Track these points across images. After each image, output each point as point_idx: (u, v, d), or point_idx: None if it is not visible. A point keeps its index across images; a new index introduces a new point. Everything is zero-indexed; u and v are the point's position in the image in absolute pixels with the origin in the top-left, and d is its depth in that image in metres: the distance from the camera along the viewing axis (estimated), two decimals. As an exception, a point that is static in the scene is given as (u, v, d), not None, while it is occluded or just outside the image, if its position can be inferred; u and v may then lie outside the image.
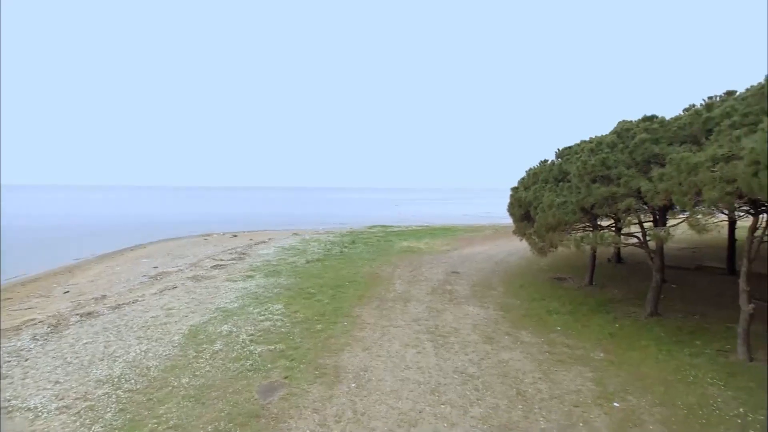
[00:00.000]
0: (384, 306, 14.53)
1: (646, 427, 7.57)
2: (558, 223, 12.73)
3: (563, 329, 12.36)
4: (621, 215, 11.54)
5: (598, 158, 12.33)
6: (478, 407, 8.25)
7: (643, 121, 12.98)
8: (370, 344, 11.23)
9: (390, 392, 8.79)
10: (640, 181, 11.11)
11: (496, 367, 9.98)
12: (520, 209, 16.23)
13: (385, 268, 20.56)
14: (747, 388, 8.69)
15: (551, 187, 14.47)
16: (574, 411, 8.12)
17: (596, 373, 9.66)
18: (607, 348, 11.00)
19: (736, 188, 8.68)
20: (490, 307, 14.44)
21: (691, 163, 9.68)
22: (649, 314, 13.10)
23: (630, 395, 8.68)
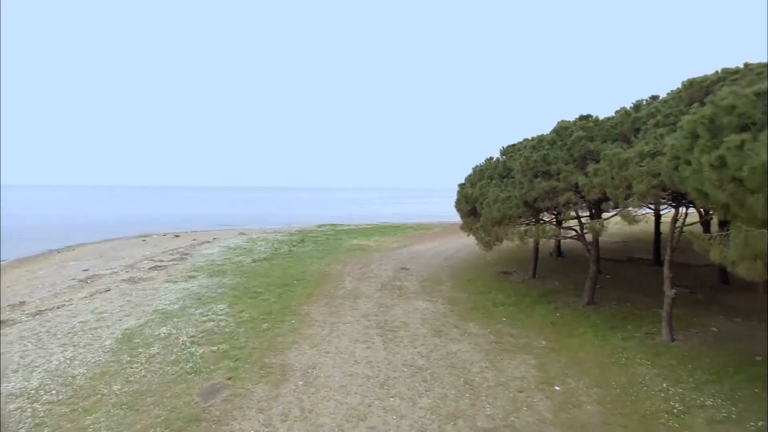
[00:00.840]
0: (333, 303, 14.31)
1: (584, 408, 7.94)
2: (503, 217, 13.13)
3: (508, 320, 12.76)
4: (561, 209, 12.09)
5: (540, 155, 12.86)
6: (427, 398, 8.28)
7: (579, 120, 13.70)
8: (319, 341, 10.99)
9: (339, 388, 8.62)
10: (578, 176, 11.71)
11: (444, 358, 10.09)
12: (467, 205, 16.61)
13: (335, 265, 20.31)
14: (670, 365, 9.39)
15: (496, 183, 14.92)
16: (519, 396, 8.37)
17: (539, 359, 10.03)
18: (549, 336, 11.48)
19: (660, 181, 9.33)
20: (439, 302, 14.64)
21: (622, 158, 10.31)
22: (586, 303, 13.83)
23: (569, 379, 9.08)
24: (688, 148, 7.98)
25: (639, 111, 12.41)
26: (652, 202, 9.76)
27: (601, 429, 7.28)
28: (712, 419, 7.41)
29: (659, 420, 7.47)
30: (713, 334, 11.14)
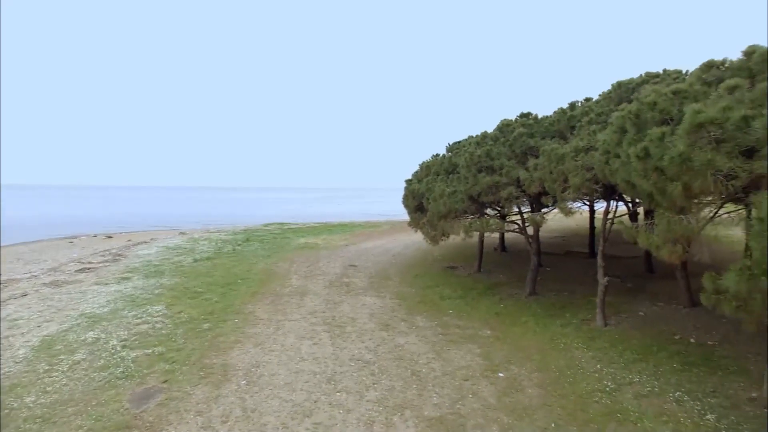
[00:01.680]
0: (279, 301, 13.90)
1: (526, 392, 8.22)
2: (448, 212, 13.36)
3: (455, 312, 13.00)
4: (504, 203, 12.49)
5: (483, 150, 13.22)
6: (375, 391, 8.22)
7: (521, 118, 14.24)
8: (263, 339, 10.61)
9: (284, 385, 8.35)
10: (519, 171, 12.15)
11: (392, 351, 10.09)
12: (414, 201, 16.76)
13: (282, 264, 19.79)
14: (603, 348, 9.96)
15: (442, 178, 15.17)
16: (464, 384, 8.52)
17: (484, 348, 10.28)
18: (494, 326, 11.81)
19: (593, 174, 9.89)
20: (387, 297, 14.66)
21: (559, 154, 10.83)
22: (528, 294, 14.39)
23: (513, 365, 9.37)
24: (617, 143, 8.50)
25: (574, 110, 13.11)
26: (587, 194, 10.28)
27: (541, 410, 7.56)
28: (639, 394, 7.92)
29: (594, 398, 7.88)
30: (640, 318, 11.95)
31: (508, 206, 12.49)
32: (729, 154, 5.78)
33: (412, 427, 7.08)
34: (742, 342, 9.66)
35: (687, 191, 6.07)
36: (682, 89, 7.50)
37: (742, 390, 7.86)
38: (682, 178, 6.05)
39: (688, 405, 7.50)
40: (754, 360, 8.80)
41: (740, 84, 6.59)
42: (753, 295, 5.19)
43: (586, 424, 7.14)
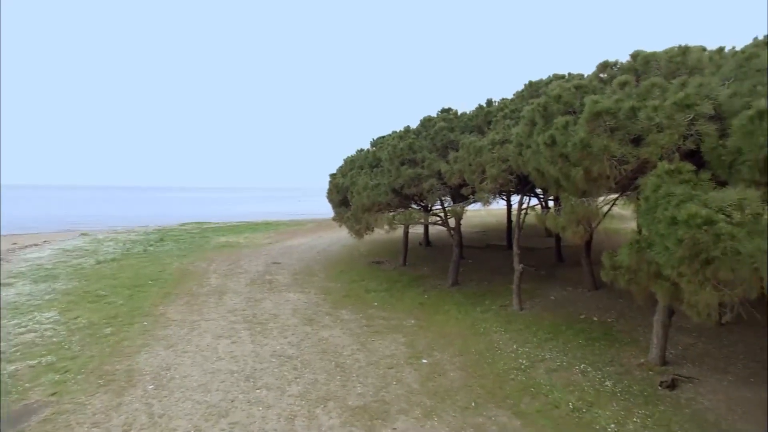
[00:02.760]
0: (195, 301, 12.99)
1: (448, 375, 8.43)
2: (372, 204, 13.37)
3: (380, 304, 13.04)
4: (426, 194, 12.75)
5: (406, 143, 13.42)
6: (297, 385, 7.94)
7: (442, 113, 14.67)
8: (176, 341, 9.82)
9: (197, 387, 7.76)
10: (440, 164, 12.49)
11: (315, 345, 9.84)
12: (338, 195, 16.59)
13: (199, 263, 18.57)
14: (518, 330, 10.54)
15: (366, 172, 15.16)
16: (389, 372, 8.53)
17: (408, 337, 10.40)
18: (418, 315, 12.02)
19: (508, 165, 10.43)
20: (312, 292, 14.33)
21: (477, 146, 11.27)
22: (451, 284, 14.86)
23: (436, 351, 9.58)
24: (529, 135, 9.02)
25: (491, 106, 13.79)
26: (503, 185, 10.81)
27: (462, 391, 7.78)
28: (550, 369, 8.48)
29: (510, 376, 8.29)
30: (551, 301, 12.83)
31: (430, 198, 12.77)
32: (621, 141, 6.36)
33: (336, 417, 6.92)
34: (634, 317, 10.73)
35: (587, 175, 6.59)
36: (583, 84, 8.15)
37: (633, 357, 8.72)
38: (583, 163, 6.56)
39: (591, 375, 8.17)
40: (642, 332, 9.79)
41: (629, 81, 7.29)
42: (641, 267, 5.74)
43: (504, 400, 7.48)
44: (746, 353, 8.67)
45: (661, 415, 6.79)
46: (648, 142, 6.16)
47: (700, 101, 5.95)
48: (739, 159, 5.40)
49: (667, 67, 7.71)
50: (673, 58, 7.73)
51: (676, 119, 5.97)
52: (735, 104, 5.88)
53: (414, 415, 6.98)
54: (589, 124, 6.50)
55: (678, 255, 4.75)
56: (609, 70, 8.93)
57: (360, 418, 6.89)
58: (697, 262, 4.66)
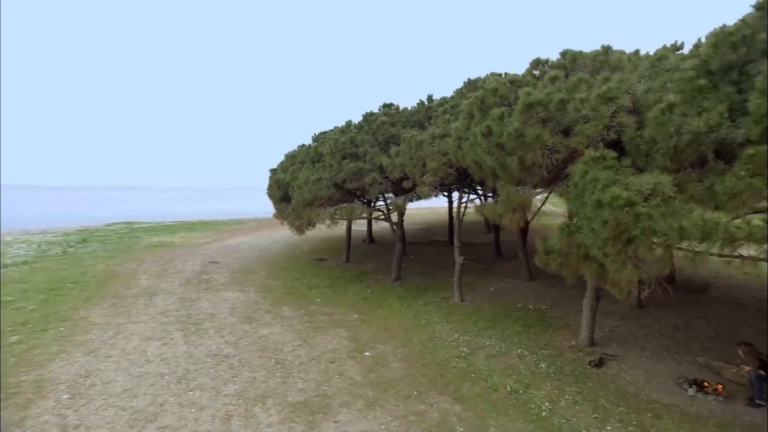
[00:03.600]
0: (122, 303, 12.03)
1: (391, 366, 8.41)
2: (314, 199, 13.12)
3: (323, 301, 12.81)
4: (368, 188, 12.69)
5: (348, 137, 13.30)
6: (234, 384, 7.56)
7: (383, 108, 14.69)
8: (98, 346, 9.02)
9: (122, 393, 7.15)
10: (382, 158, 12.50)
11: (255, 343, 9.45)
12: (279, 190, 16.13)
13: (128, 264, 17.26)
14: (459, 320, 10.78)
15: (308, 166, 14.86)
16: (331, 367, 8.36)
17: (351, 331, 10.28)
18: (361, 310, 11.93)
19: (448, 159, 10.62)
20: (251, 291, 13.79)
21: (418, 140, 11.39)
22: (394, 279, 14.92)
23: (379, 344, 9.53)
24: (467, 128, 9.23)
25: (432, 102, 14.00)
26: (443, 178, 10.99)
27: (405, 381, 7.78)
28: (489, 355, 8.72)
29: (451, 364, 8.42)
30: (491, 292, 13.26)
31: (372, 192, 12.73)
32: (552, 131, 6.66)
33: (275, 414, 6.65)
34: (566, 305, 11.35)
35: (522, 164, 6.84)
36: (518, 79, 8.48)
37: (565, 341, 9.21)
38: (517, 152, 6.80)
39: (527, 358, 8.50)
40: (573, 317, 10.37)
41: (559, 76, 7.68)
42: (571, 250, 6.03)
43: (445, 387, 7.57)
44: (660, 332, 9.45)
45: (590, 391, 7.20)
46: (576, 132, 6.49)
47: (620, 95, 6.37)
48: (654, 148, 5.82)
49: (593, 65, 8.23)
50: (597, 57, 8.25)
51: (601, 111, 6.35)
52: (650, 99, 6.35)
53: (356, 407, 6.88)
54: (523, 115, 6.75)
55: (603, 236, 5.03)
56: (541, 67, 9.38)
57: (300, 414, 6.67)
58: (620, 242, 4.96)
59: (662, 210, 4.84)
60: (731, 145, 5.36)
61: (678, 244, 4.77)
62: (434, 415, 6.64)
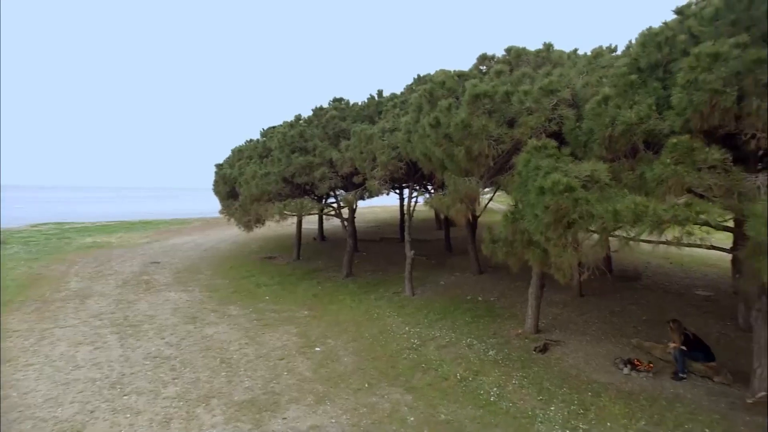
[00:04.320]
0: (48, 308, 11.04)
1: (342, 360, 8.29)
2: (262, 194, 12.72)
3: (272, 298, 12.45)
4: (318, 183, 12.47)
5: (297, 131, 13.03)
6: (174, 386, 7.13)
7: (334, 102, 14.52)
8: (17, 354, 8.20)
9: (43, 403, 6.52)
10: (332, 152, 12.33)
11: (198, 343, 9.00)
12: (225, 186, 15.52)
13: (56, 266, 15.89)
14: (411, 313, 10.84)
15: (256, 161, 14.40)
16: (279, 364, 8.11)
17: (301, 328, 10.04)
18: (311, 306, 11.70)
19: (398, 152, 10.65)
20: (196, 290, 13.15)
21: (368, 134, 11.35)
22: (345, 276, 14.77)
23: (329, 339, 9.37)
24: (416, 121, 9.29)
25: (381, 97, 14.01)
26: (393, 172, 11.00)
27: (356, 374, 7.69)
28: (440, 345, 8.82)
29: (403, 356, 8.43)
30: (441, 286, 13.44)
31: (322, 187, 12.52)
32: (498, 123, 6.83)
33: (220, 414, 6.34)
34: (513, 296, 11.71)
35: (469, 154, 6.97)
36: (465, 73, 8.66)
37: (512, 329, 9.49)
38: (464, 143, 6.92)
39: (476, 347, 8.68)
40: (520, 307, 10.70)
41: (504, 70, 7.91)
42: (516, 237, 6.21)
43: (396, 378, 7.56)
44: (599, 318, 9.98)
45: (535, 375, 7.46)
46: (520, 123, 6.70)
47: (561, 88, 6.64)
48: (591, 138, 6.12)
49: (535, 61, 8.56)
50: (539, 54, 8.60)
51: (543, 103, 6.59)
52: (587, 93, 6.68)
53: (306, 403, 6.70)
54: (470, 106, 6.88)
55: (545, 221, 5.21)
56: (487, 62, 9.63)
57: (247, 413, 6.40)
58: (561, 226, 5.16)
59: (599, 195, 5.08)
60: (659, 136, 5.73)
61: (613, 228, 5.02)
62: (385, 406, 6.60)
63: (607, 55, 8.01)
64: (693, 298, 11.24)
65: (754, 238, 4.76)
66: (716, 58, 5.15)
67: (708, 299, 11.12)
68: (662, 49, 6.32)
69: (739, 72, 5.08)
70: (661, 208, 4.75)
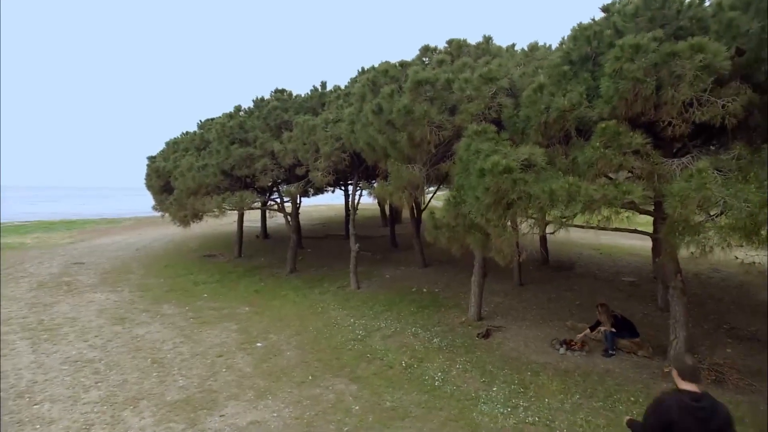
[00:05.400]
0: (-56, 315, 9.77)
1: (285, 354, 8.00)
2: (199, 187, 12.07)
3: (211, 296, 11.84)
4: (259, 175, 12.01)
5: (236, 122, 12.49)
6: (97, 390, 6.52)
7: (275, 93, 14.09)
8: None
9: (-65, 417, 5.72)
10: (274, 144, 11.94)
11: (127, 344, 8.32)
12: (159, 180, 14.57)
13: (-44, 271, 14.14)
14: (356, 306, 10.73)
15: (192, 153, 13.65)
16: (218, 361, 7.69)
17: (241, 324, 9.61)
18: (253, 302, 11.26)
19: (342, 143, 10.51)
20: (125, 290, 12.21)
21: (311, 125, 11.11)
22: (289, 272, 14.39)
23: (272, 334, 9.04)
24: (360, 111, 9.20)
25: (325, 89, 13.78)
26: (337, 164, 10.84)
27: (299, 368, 7.45)
28: (385, 335, 8.78)
29: (347, 347, 8.29)
30: (387, 279, 13.45)
31: (263, 179, 12.07)
32: (439, 109, 6.89)
33: (149, 416, 5.86)
34: (457, 287, 11.93)
35: (411, 140, 6.98)
36: (407, 62, 8.68)
37: (456, 318, 9.66)
38: (407, 129, 6.92)
39: (421, 336, 8.73)
40: (463, 297, 10.92)
41: (445, 59, 8.02)
42: (458, 222, 6.29)
43: (341, 369, 7.41)
44: (537, 304, 10.42)
45: (478, 360, 7.61)
46: (461, 110, 6.80)
47: (500, 77, 6.82)
48: (528, 125, 6.33)
49: (476, 53, 8.77)
50: (479, 46, 8.83)
51: (482, 91, 6.74)
52: (524, 82, 6.92)
53: (246, 398, 6.38)
54: (412, 93, 6.90)
55: (486, 202, 5.30)
56: (430, 54, 9.73)
57: (180, 412, 5.97)
58: (501, 207, 5.27)
59: (536, 177, 5.24)
60: (589, 123, 6.04)
61: (549, 208, 5.21)
62: (330, 397, 6.43)
63: (542, 49, 8.37)
64: (620, 284, 12.04)
65: (671, 216, 5.14)
66: (637, 49, 5.50)
67: (632, 284, 11.96)
68: (591, 42, 6.68)
69: (657, 63, 5.45)
70: (592, 188, 4.99)
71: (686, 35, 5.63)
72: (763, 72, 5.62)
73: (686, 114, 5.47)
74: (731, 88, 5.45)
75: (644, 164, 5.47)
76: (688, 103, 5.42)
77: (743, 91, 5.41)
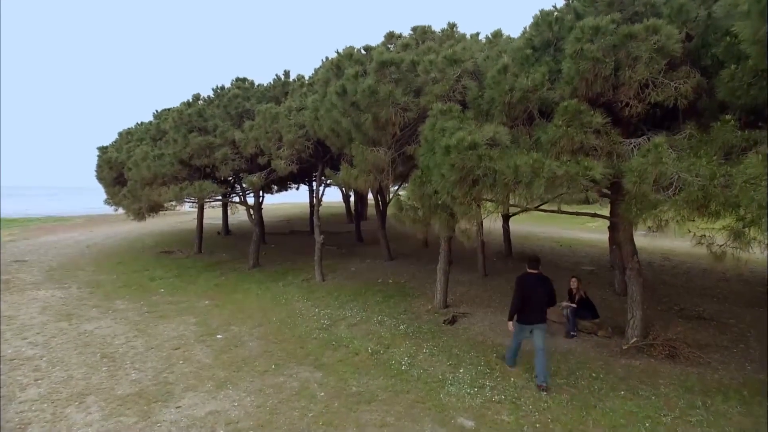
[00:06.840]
0: None
1: (247, 345, 7.70)
2: (154, 177, 11.49)
3: (168, 290, 11.29)
4: (219, 165, 11.56)
5: (195, 110, 11.99)
6: (37, 388, 6.02)
7: (236, 81, 13.64)
8: None
9: None
10: (235, 132, 11.53)
11: (73, 340, 7.77)
12: (111, 172, 13.81)
13: None
14: (321, 297, 10.51)
15: (148, 143, 13.00)
16: (174, 353, 7.30)
17: (200, 317, 9.20)
18: (213, 296, 10.83)
19: (305, 131, 10.27)
20: (74, 287, 11.45)
21: (274, 113, 10.80)
22: (251, 266, 13.96)
23: (233, 326, 8.69)
24: (324, 96, 9.00)
25: (288, 78, 13.46)
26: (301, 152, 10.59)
27: (262, 358, 7.18)
28: (351, 324, 8.63)
29: (312, 336, 8.08)
30: (352, 272, 13.28)
31: (224, 169, 11.63)
32: (404, 91, 6.81)
33: (97, 411, 5.45)
34: (423, 278, 11.93)
35: (376, 122, 6.87)
36: (371, 47, 8.57)
37: (422, 306, 9.63)
38: (371, 110, 6.80)
39: (387, 323, 8.63)
40: (429, 287, 10.92)
41: (410, 43, 7.97)
42: (423, 203, 6.23)
43: (305, 357, 7.19)
44: (501, 293, 10.54)
45: (445, 344, 7.59)
46: (426, 92, 6.76)
47: (465, 59, 6.83)
48: (492, 106, 6.36)
49: (440, 39, 8.77)
50: (444, 32, 8.83)
51: (447, 73, 6.72)
52: (488, 65, 6.95)
53: (205, 389, 6.06)
54: (377, 74, 6.80)
55: (452, 179, 5.26)
56: (395, 40, 9.66)
57: (133, 406, 5.59)
58: (466, 183, 5.24)
59: (501, 153, 5.25)
60: (551, 104, 6.13)
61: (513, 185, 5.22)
62: (293, 385, 6.21)
63: (505, 38, 8.46)
64: (580, 273, 12.39)
65: (629, 193, 5.28)
66: (597, 31, 5.62)
67: (591, 272, 12.35)
68: (552, 28, 6.80)
69: (615, 45, 5.60)
70: (555, 163, 5.04)
71: (641, 19, 5.82)
72: (709, 57, 5.88)
73: (642, 94, 5.65)
74: (682, 71, 5.67)
75: (604, 143, 5.59)
76: (644, 84, 5.60)
77: (693, 75, 5.64)
